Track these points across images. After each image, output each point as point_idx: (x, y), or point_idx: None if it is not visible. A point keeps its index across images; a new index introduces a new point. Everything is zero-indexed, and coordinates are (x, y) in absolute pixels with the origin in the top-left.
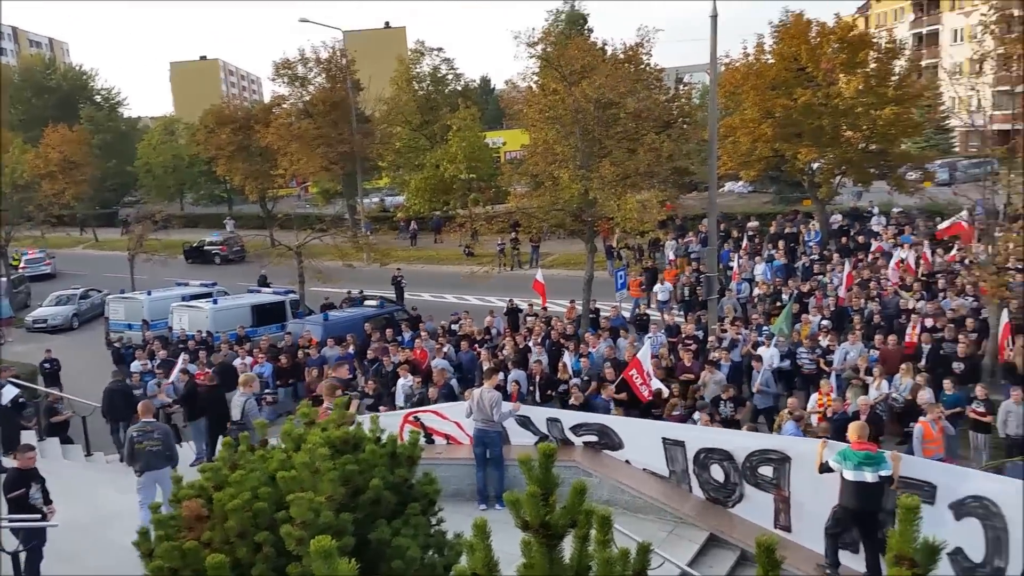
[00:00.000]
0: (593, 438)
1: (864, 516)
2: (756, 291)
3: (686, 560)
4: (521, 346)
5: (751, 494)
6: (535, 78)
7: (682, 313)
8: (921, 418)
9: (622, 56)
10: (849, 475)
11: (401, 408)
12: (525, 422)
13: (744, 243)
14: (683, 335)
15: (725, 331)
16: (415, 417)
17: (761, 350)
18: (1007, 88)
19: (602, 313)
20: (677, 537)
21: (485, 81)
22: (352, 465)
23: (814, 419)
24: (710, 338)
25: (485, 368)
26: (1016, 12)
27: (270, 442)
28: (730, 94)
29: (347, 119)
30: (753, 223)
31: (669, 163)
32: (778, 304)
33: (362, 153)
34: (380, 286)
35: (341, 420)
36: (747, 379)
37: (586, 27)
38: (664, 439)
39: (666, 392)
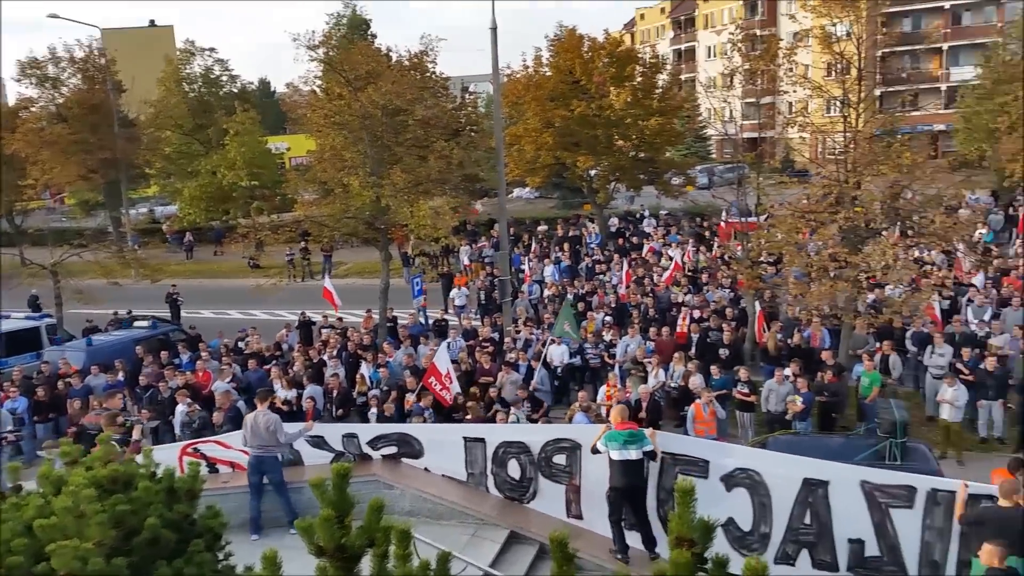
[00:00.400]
0: (393, 449)
1: (631, 492)
2: (546, 292)
3: (488, 561)
4: (316, 360)
5: (545, 488)
6: (318, 82)
7: (479, 317)
8: (696, 401)
9: (407, 63)
10: (615, 455)
11: (180, 437)
12: (319, 442)
13: (534, 247)
14: (480, 338)
15: (519, 332)
16: (195, 448)
17: (552, 348)
18: (753, 100)
19: (400, 321)
20: (479, 539)
21: (265, 84)
22: (124, 505)
23: (603, 410)
24: (506, 339)
25: (258, 390)
26: (759, 32)
27: (24, 486)
28: (513, 104)
29: (108, 123)
30: (542, 227)
31: (460, 170)
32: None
33: (126, 160)
34: (153, 305)
35: (108, 457)
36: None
37: (369, 32)
38: (465, 438)
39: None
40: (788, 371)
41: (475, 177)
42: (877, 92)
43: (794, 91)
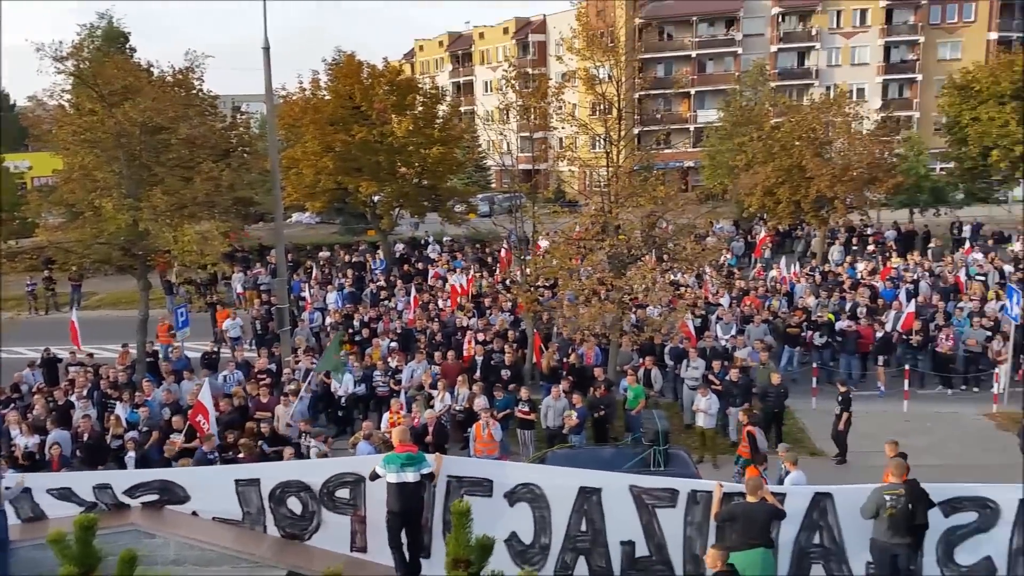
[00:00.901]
0: (153, 497)
1: (408, 515)
2: (328, 320)
3: None
4: (62, 402)
5: (328, 520)
6: (66, 96)
7: (254, 348)
8: (477, 422)
9: (171, 79)
10: (393, 478)
11: None
12: (66, 494)
13: (315, 273)
14: (256, 370)
15: (299, 362)
16: None
17: (336, 377)
18: (527, 135)
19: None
20: None
21: (3, 96)
22: None
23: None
24: (284, 370)
25: None
26: (530, 71)
27: None
28: (290, 126)
29: None
30: (324, 253)
31: (230, 193)
32: (350, 331)
33: None
34: None
35: None
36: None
37: (128, 46)
38: (236, 480)
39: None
40: (563, 387)
41: (249, 200)
42: (635, 131)
43: (563, 127)
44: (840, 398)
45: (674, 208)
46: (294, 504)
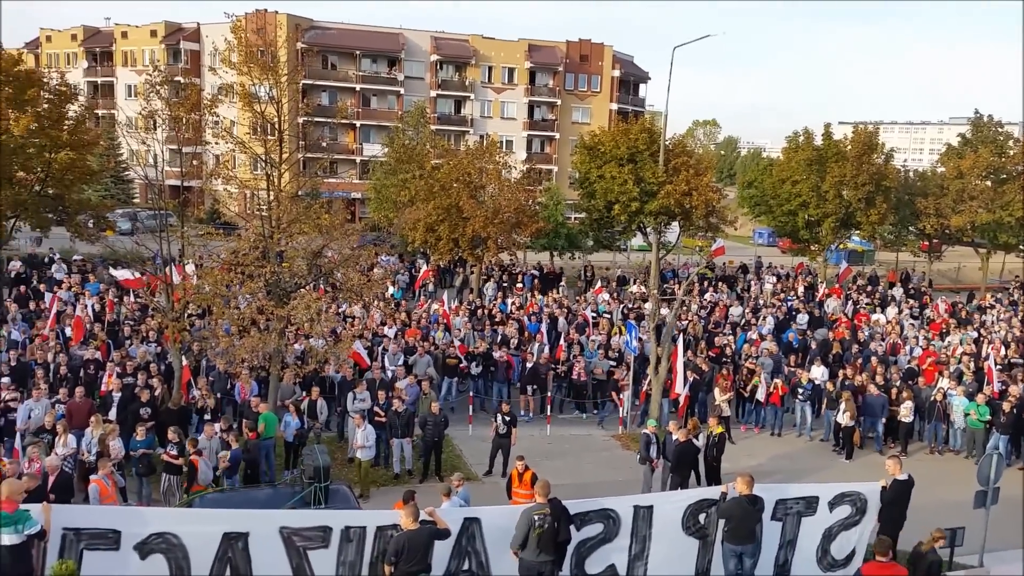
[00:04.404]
0: None
1: None
2: None
3: None
4: None
5: None
6: None
7: None
8: (93, 476)
9: None
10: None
11: None
12: None
13: None
14: None
15: None
16: None
17: None
18: (176, 147)
19: None
20: None
21: None
22: None
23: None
24: None
25: None
26: (181, 79)
27: None
28: None
29: None
30: None
31: None
32: None
33: None
34: None
35: None
36: None
37: None
38: None
39: None
40: (218, 426)
41: None
42: (299, 156)
43: (217, 143)
44: (508, 418)
45: (339, 238)
46: None
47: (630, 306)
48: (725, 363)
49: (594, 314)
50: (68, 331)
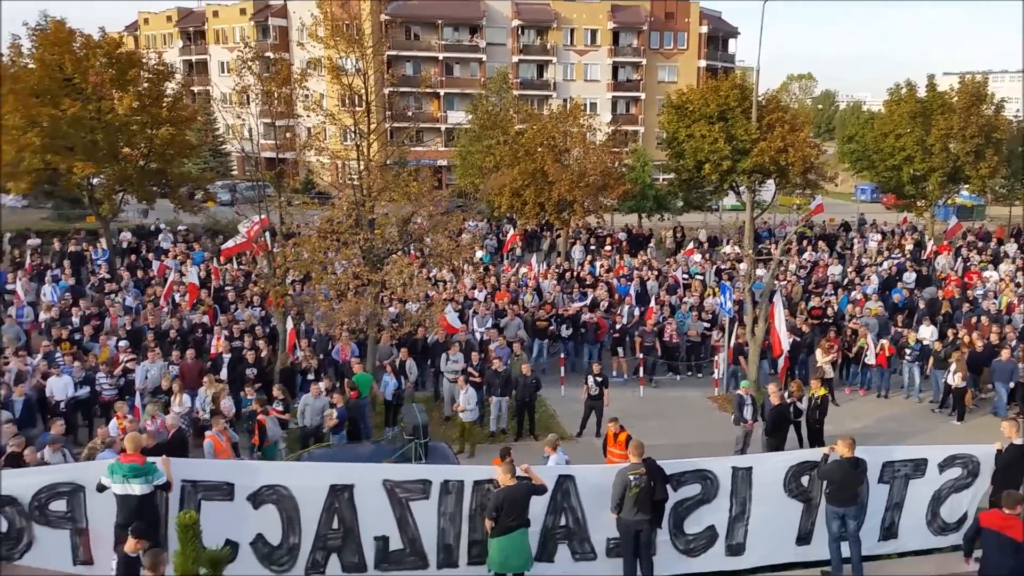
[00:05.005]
0: None
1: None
2: (43, 315)
3: None
4: None
5: (42, 535)
6: None
7: None
8: (208, 432)
9: None
10: (118, 489)
11: None
12: None
13: (27, 263)
14: None
15: (7, 363)
16: None
17: (52, 381)
18: (269, 121)
19: None
20: None
21: None
22: None
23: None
24: None
25: None
26: (271, 55)
27: None
28: None
29: None
30: (34, 241)
31: None
32: (70, 328)
33: None
34: None
35: None
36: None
37: None
38: None
39: None
40: (323, 385)
41: None
42: (387, 126)
43: (308, 116)
44: (599, 379)
45: (427, 204)
46: None
47: (723, 267)
48: (827, 324)
49: (686, 276)
50: (177, 297)
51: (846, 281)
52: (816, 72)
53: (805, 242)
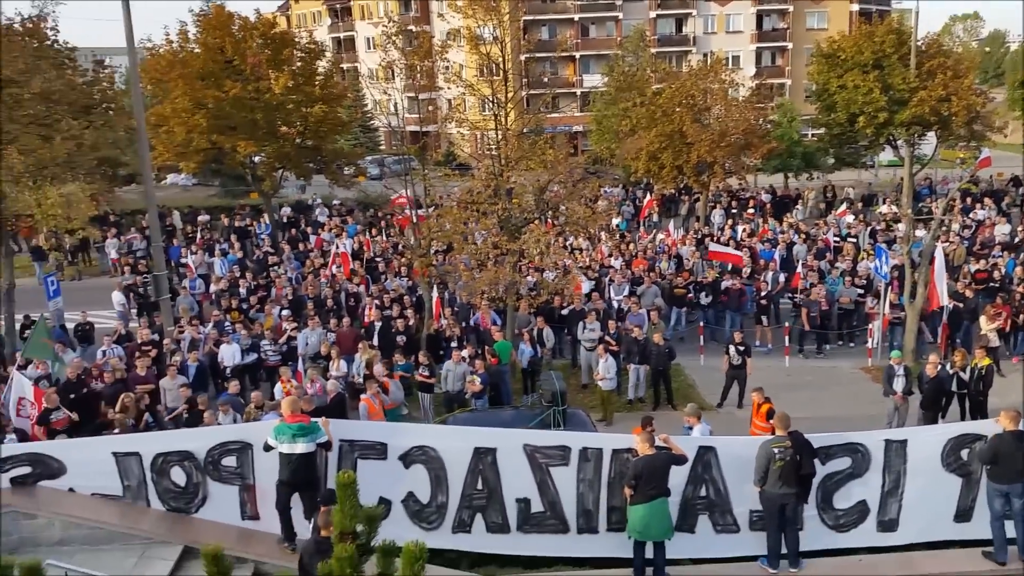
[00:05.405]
0: (24, 470)
1: (301, 485)
2: (213, 287)
3: None
4: None
5: (215, 491)
6: None
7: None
8: (363, 395)
9: (19, 28)
10: (284, 448)
11: None
12: None
13: (198, 238)
14: (139, 341)
15: (183, 332)
16: None
17: (223, 348)
18: (414, 95)
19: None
20: (149, 559)
21: None
22: None
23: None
24: (166, 341)
25: None
26: (413, 28)
27: None
28: (157, 81)
29: None
30: (204, 217)
31: (94, 152)
32: (238, 298)
33: None
34: None
35: None
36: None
37: None
38: (115, 454)
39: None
40: (465, 352)
41: (115, 160)
42: (523, 93)
43: (449, 88)
44: (741, 348)
45: (563, 172)
46: (177, 475)
47: (879, 228)
48: (993, 289)
49: (837, 238)
50: (334, 268)
51: (1016, 241)
52: (983, 10)
53: (969, 199)
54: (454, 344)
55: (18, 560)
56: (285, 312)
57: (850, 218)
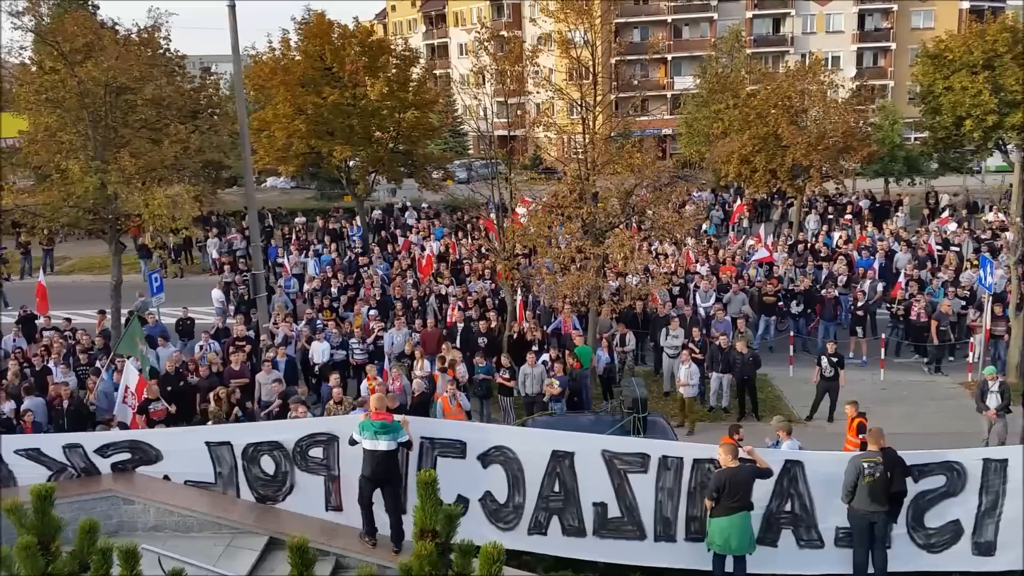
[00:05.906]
0: (124, 456)
1: (382, 482)
2: (307, 286)
3: (246, 570)
4: (38, 368)
5: (302, 481)
6: (26, 53)
7: (232, 315)
8: (443, 394)
9: (135, 38)
10: (367, 444)
11: None
12: (35, 455)
13: (294, 239)
14: (235, 336)
15: (278, 328)
16: None
17: (314, 345)
18: (502, 99)
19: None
20: (236, 548)
21: None
22: None
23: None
24: (262, 337)
25: None
26: (505, 33)
27: None
28: (260, 88)
29: None
30: (300, 219)
31: (199, 156)
32: (330, 297)
33: None
34: None
35: None
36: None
37: (89, 3)
38: (208, 443)
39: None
40: (545, 356)
41: (219, 164)
42: (612, 97)
43: (538, 92)
44: (834, 359)
45: (650, 176)
46: (267, 464)
47: (984, 237)
48: None
49: (939, 247)
50: (418, 271)
51: None
52: None
53: None
54: (535, 348)
55: (115, 543)
56: (373, 312)
57: (952, 226)
